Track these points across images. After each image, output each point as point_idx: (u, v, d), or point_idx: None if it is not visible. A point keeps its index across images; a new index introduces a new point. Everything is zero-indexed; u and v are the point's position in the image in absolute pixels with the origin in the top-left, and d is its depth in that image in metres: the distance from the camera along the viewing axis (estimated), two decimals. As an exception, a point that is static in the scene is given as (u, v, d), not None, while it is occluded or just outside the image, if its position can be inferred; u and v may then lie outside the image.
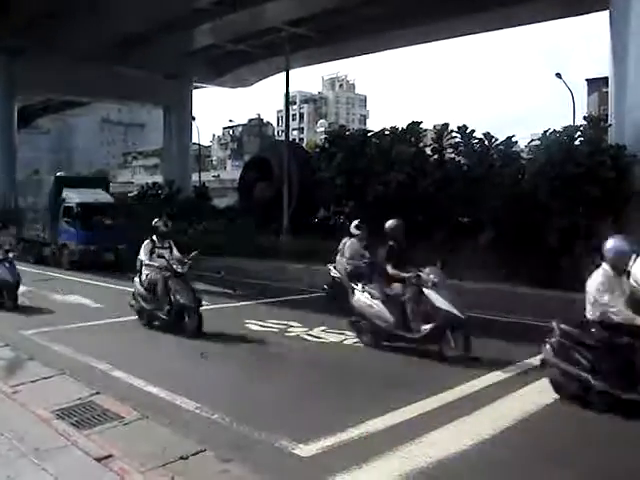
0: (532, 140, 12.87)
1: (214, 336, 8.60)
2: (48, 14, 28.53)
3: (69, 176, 27.30)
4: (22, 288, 12.72)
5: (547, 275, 10.67)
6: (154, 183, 30.44)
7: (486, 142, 14.47)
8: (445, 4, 25.93)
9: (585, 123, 12.83)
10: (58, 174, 25.58)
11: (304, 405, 5.80)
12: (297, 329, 8.87)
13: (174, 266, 8.79)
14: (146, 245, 9.29)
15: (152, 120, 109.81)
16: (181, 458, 4.17)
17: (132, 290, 9.43)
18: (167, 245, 9.34)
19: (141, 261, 9.31)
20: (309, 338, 8.41)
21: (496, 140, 14.39)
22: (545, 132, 12.51)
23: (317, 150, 19.07)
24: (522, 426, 5.15)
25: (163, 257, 9.00)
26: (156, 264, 9.02)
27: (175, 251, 9.32)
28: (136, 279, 9.40)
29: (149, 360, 7.28)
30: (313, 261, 14.14)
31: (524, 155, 14.09)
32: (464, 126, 14.88)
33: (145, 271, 9.26)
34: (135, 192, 30.98)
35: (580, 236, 12.15)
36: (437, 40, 31.81)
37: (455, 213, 15.58)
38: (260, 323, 9.29)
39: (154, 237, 9.34)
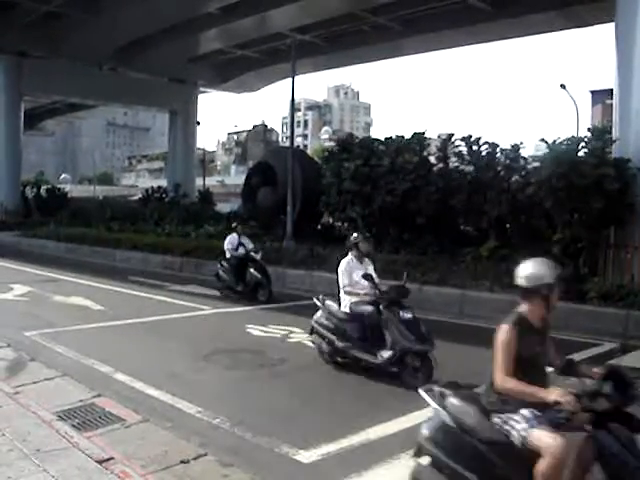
0: (538, 149, 12.86)
1: (215, 341, 8.62)
2: (54, 17, 28.70)
3: None
4: (23, 288, 12.81)
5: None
6: (159, 187, 30.47)
7: (491, 150, 14.51)
8: (455, 13, 26.05)
9: (589, 134, 12.81)
10: (62, 176, 25.70)
11: (305, 411, 5.80)
12: (299, 335, 8.85)
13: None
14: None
15: (157, 124, 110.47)
16: (182, 462, 4.17)
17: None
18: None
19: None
20: (311, 344, 8.38)
21: (503, 149, 14.44)
22: (554, 141, 12.46)
23: (325, 155, 18.99)
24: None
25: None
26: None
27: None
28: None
29: (151, 363, 7.28)
30: (315, 267, 14.15)
31: (529, 165, 14.07)
32: (469, 136, 14.95)
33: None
34: (139, 195, 31.04)
35: (583, 247, 12.14)
36: (446, 48, 31.85)
37: (458, 222, 15.60)
38: (261, 328, 9.29)
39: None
